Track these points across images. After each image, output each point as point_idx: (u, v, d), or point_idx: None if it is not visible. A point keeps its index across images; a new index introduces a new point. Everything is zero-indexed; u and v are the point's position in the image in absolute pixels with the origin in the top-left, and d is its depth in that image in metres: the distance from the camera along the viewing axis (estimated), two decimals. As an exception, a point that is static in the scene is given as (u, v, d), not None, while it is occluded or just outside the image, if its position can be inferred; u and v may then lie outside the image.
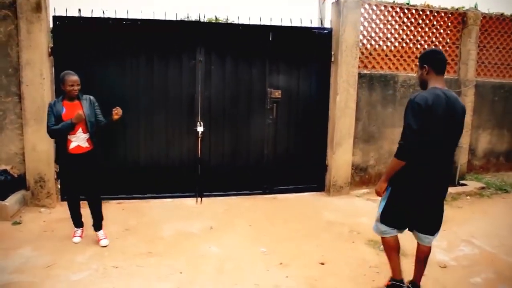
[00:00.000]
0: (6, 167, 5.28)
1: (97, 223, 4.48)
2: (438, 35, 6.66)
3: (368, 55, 6.32)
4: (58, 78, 4.96)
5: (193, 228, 4.94)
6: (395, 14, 6.37)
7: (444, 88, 3.14)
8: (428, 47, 6.60)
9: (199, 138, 5.76)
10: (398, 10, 6.38)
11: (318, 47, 6.15)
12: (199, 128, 5.71)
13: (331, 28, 6.16)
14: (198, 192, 5.92)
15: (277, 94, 5.96)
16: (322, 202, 6.05)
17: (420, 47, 6.58)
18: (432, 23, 6.58)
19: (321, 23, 7.05)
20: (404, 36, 6.47)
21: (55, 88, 5.35)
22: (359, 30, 6.08)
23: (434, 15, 6.57)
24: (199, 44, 5.68)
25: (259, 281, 3.77)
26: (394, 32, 6.40)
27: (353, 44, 6.02)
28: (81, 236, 4.50)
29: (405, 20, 6.43)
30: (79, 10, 5.33)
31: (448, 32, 6.71)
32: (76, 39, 5.36)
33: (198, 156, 5.85)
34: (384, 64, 6.42)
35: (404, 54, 6.48)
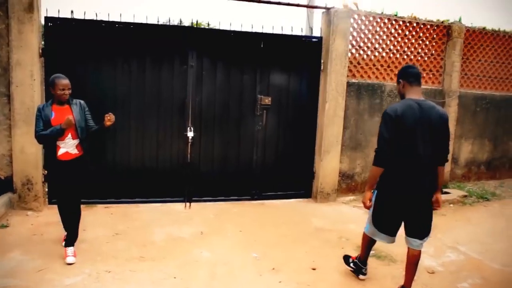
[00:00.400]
0: (-8, 169, 5.19)
1: (71, 238, 4.16)
2: (424, 46, 6.84)
3: (357, 64, 6.45)
4: (48, 80, 4.94)
5: (183, 233, 4.94)
6: (383, 25, 6.52)
7: (419, 98, 3.37)
8: (414, 58, 6.79)
9: (189, 143, 5.77)
10: (386, 21, 6.53)
11: (308, 55, 6.25)
12: (189, 133, 5.72)
13: (321, 37, 6.27)
14: (187, 197, 5.91)
15: (267, 101, 6.03)
16: (309, 209, 6.12)
17: (407, 57, 6.75)
18: (418, 35, 6.76)
19: (310, 31, 7.15)
20: (391, 47, 6.63)
21: (45, 90, 5.29)
22: (348, 40, 6.20)
23: (420, 27, 6.76)
24: (191, 49, 5.70)
25: (252, 286, 3.80)
26: (382, 42, 6.55)
27: (342, 53, 6.14)
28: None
29: (392, 31, 6.60)
30: (72, 12, 5.30)
31: (434, 44, 6.91)
32: (67, 41, 5.32)
33: (188, 161, 5.85)
34: (372, 74, 6.56)
35: (391, 64, 6.63)
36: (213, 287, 3.75)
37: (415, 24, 6.71)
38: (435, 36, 6.90)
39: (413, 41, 6.74)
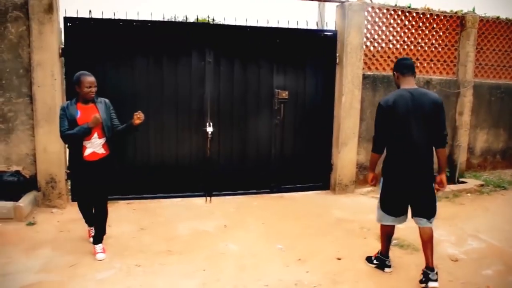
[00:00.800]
0: (17, 168, 5.27)
1: (99, 235, 4.21)
2: (437, 37, 6.86)
3: (372, 57, 6.48)
4: (69, 79, 5.00)
5: (207, 226, 5.01)
6: (397, 17, 6.54)
7: (411, 87, 3.64)
8: (428, 49, 6.80)
9: (209, 138, 5.83)
10: (400, 13, 6.55)
11: (323, 49, 6.29)
12: (209, 128, 5.78)
13: (336, 30, 6.30)
14: (207, 192, 5.98)
15: (284, 94, 6.07)
16: (328, 201, 6.18)
17: (421, 49, 6.77)
18: (432, 26, 6.78)
19: (317, 25, 7.18)
20: (405, 39, 6.65)
21: (65, 89, 5.37)
22: (363, 33, 6.22)
23: (434, 18, 6.77)
24: (208, 45, 5.76)
25: (281, 276, 3.86)
26: (396, 34, 6.57)
27: (357, 46, 6.17)
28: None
29: (406, 23, 6.61)
30: (90, 12, 5.36)
31: (447, 34, 6.92)
32: (86, 40, 5.39)
33: (208, 156, 5.92)
34: (387, 66, 6.58)
35: (406, 56, 6.64)
36: (242, 278, 3.81)
37: (428, 16, 6.73)
38: (448, 27, 6.90)
39: (427, 32, 6.75)
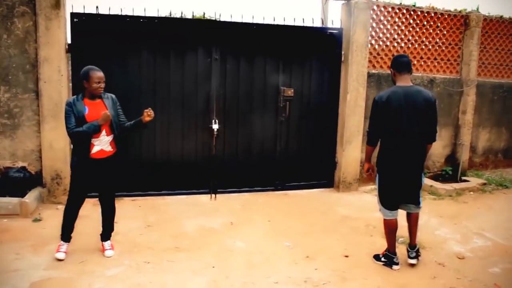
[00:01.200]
0: (23, 164, 5.26)
1: (107, 232, 4.18)
2: (441, 36, 6.87)
3: (376, 55, 6.49)
4: (76, 75, 4.97)
5: (213, 223, 5.02)
6: (401, 16, 6.55)
7: (406, 85, 3.80)
8: (432, 48, 6.83)
9: (214, 136, 5.83)
10: (405, 11, 6.57)
11: (328, 46, 6.30)
12: (214, 126, 5.78)
13: (341, 28, 6.31)
14: (212, 189, 5.99)
15: (289, 92, 6.07)
16: (333, 198, 6.20)
17: (425, 48, 6.79)
18: (436, 25, 6.79)
19: (323, 22, 7.18)
20: (410, 37, 6.67)
21: (72, 85, 5.35)
22: (368, 31, 6.23)
23: (438, 17, 6.78)
24: (215, 42, 5.75)
25: (290, 273, 3.88)
26: (400, 33, 6.59)
27: (363, 44, 6.18)
28: (66, 252, 3.97)
29: (411, 21, 6.63)
30: (97, 8, 5.34)
31: (451, 33, 6.94)
32: (93, 36, 5.37)
33: (213, 153, 5.92)
34: (391, 64, 6.59)
35: (410, 55, 6.66)
36: (252, 275, 3.82)
37: (433, 14, 6.74)
38: (452, 25, 6.92)
39: (431, 31, 6.77)
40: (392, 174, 3.92)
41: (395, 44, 6.61)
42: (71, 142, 3.94)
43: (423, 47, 6.78)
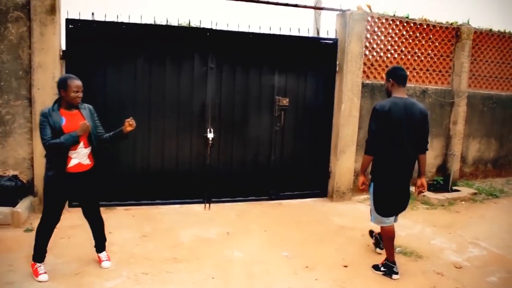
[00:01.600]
0: (14, 172, 5.14)
1: (101, 243, 4.06)
2: (434, 48, 6.98)
3: (370, 66, 6.55)
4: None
5: (210, 233, 4.96)
6: (395, 27, 6.64)
7: (404, 97, 3.91)
8: (425, 59, 6.92)
9: (209, 145, 5.78)
10: (398, 23, 6.65)
11: (324, 57, 6.33)
12: (209, 135, 5.73)
13: (336, 38, 6.35)
14: (206, 198, 5.93)
15: (285, 102, 6.08)
16: (327, 208, 6.19)
17: (418, 59, 6.88)
18: (428, 37, 6.90)
19: (318, 33, 7.24)
20: (403, 48, 6.75)
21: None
22: (363, 41, 6.29)
23: (430, 29, 6.89)
24: (211, 50, 5.73)
25: (291, 284, 3.85)
26: (394, 44, 6.67)
27: (357, 55, 6.23)
28: (45, 272, 3.71)
29: (404, 33, 6.72)
30: (93, 14, 5.28)
31: (443, 45, 7.05)
32: (88, 43, 5.29)
33: (207, 162, 5.87)
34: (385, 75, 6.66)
35: (403, 65, 6.73)
36: (254, 286, 3.78)
37: (425, 26, 6.85)
38: (444, 37, 7.04)
39: (423, 42, 6.87)
40: (392, 182, 3.99)
41: (389, 55, 6.68)
42: (45, 155, 3.68)
43: (416, 58, 6.87)
